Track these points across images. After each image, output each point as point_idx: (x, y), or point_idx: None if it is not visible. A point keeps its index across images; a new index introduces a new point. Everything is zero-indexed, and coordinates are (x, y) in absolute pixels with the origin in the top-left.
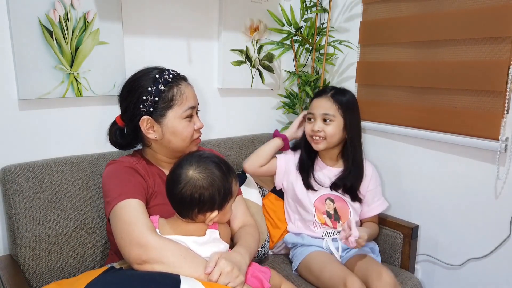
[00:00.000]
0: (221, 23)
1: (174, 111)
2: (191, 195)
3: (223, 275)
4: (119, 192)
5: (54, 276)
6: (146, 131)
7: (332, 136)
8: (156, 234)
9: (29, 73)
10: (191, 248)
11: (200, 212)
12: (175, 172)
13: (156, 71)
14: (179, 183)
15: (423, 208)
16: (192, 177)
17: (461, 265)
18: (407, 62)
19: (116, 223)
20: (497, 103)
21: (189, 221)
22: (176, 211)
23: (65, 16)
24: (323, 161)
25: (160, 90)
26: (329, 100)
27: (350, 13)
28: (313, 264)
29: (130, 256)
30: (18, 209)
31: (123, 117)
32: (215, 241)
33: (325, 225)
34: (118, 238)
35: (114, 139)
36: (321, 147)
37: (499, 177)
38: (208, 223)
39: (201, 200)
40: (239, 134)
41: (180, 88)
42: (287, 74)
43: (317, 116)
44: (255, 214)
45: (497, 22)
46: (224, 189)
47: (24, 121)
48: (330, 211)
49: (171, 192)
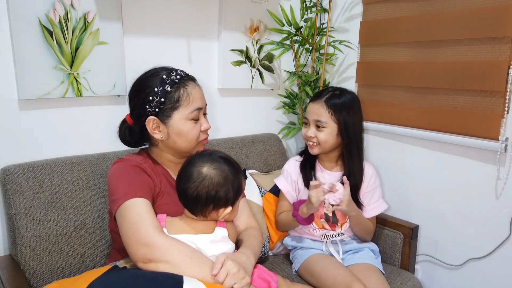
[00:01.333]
0: (221, 23)
1: (180, 112)
2: (208, 192)
3: (230, 276)
4: (125, 191)
5: (54, 276)
6: (152, 131)
7: (324, 142)
8: (163, 233)
9: (29, 73)
10: (199, 246)
11: (215, 209)
12: (188, 170)
13: (165, 71)
14: (194, 181)
15: (423, 208)
16: (208, 174)
17: (461, 265)
18: (407, 62)
19: (123, 222)
20: (497, 103)
21: (200, 219)
22: (189, 209)
23: (65, 16)
24: (322, 165)
25: (166, 91)
26: (322, 106)
27: (350, 13)
28: (314, 267)
29: (136, 255)
30: (18, 209)
31: (132, 115)
32: (223, 239)
33: (324, 229)
34: (124, 237)
35: (123, 137)
36: (316, 151)
37: (499, 177)
38: (221, 220)
39: (217, 197)
40: (239, 134)
41: (187, 89)
42: (287, 74)
43: (311, 122)
44: (255, 214)
45: (497, 22)
46: (237, 185)
47: (24, 121)
48: (328, 214)
49: (185, 190)
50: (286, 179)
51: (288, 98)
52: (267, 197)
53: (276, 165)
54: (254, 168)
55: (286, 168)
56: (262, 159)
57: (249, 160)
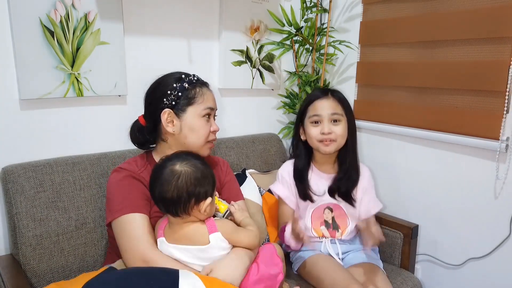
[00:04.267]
0: (222, 23)
1: (194, 108)
2: (188, 188)
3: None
4: (122, 204)
5: (55, 276)
6: (166, 123)
7: (342, 136)
8: (158, 250)
9: (30, 73)
10: (196, 255)
11: (197, 202)
12: (160, 173)
13: (183, 73)
14: (171, 181)
15: (423, 208)
16: (182, 170)
17: (461, 265)
18: (408, 62)
19: (122, 237)
20: (497, 103)
21: (184, 218)
22: (171, 211)
23: (66, 16)
24: (319, 169)
25: (184, 87)
26: (334, 101)
27: (350, 13)
28: (314, 268)
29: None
30: (19, 208)
31: (146, 112)
32: (218, 241)
33: (323, 237)
34: (122, 251)
35: (134, 136)
36: (332, 149)
37: (499, 177)
38: (203, 214)
39: (197, 190)
40: (239, 134)
41: (202, 89)
42: (287, 74)
43: (325, 118)
44: (255, 214)
45: (497, 22)
46: (211, 174)
47: (25, 121)
48: (328, 221)
49: (163, 193)
50: (283, 184)
51: (288, 98)
52: (266, 196)
53: (276, 165)
54: (254, 168)
55: (281, 173)
56: (262, 159)
57: (249, 160)
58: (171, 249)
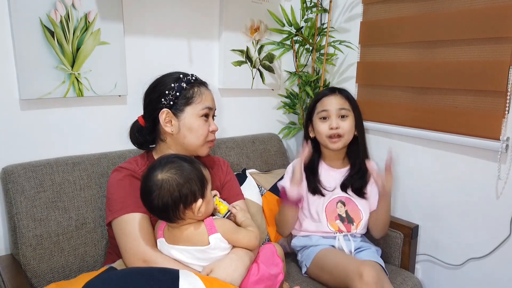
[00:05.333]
0: (222, 23)
1: (192, 108)
2: (171, 195)
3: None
4: (122, 204)
5: (55, 276)
6: (164, 123)
7: (349, 132)
8: (158, 251)
9: (31, 73)
10: (196, 256)
11: (186, 207)
12: (145, 185)
13: (181, 73)
14: (154, 191)
15: (423, 207)
16: (163, 179)
17: (461, 265)
18: (408, 62)
19: (122, 237)
20: (498, 103)
21: (180, 223)
22: (165, 219)
23: (66, 16)
24: (329, 165)
25: (182, 87)
26: (341, 98)
27: (351, 13)
28: (325, 260)
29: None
30: (19, 208)
31: (145, 113)
32: (217, 242)
33: (340, 231)
34: (122, 250)
35: (133, 136)
36: (340, 145)
37: (500, 177)
38: (198, 215)
39: (182, 195)
40: (239, 134)
41: (201, 89)
42: (287, 74)
43: (332, 113)
44: (255, 214)
45: (497, 22)
46: (197, 174)
47: (25, 121)
48: (342, 215)
49: (151, 203)
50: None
51: (288, 98)
52: (267, 196)
53: (276, 165)
54: (254, 168)
55: (291, 168)
56: (262, 159)
57: (250, 160)
58: (171, 250)
